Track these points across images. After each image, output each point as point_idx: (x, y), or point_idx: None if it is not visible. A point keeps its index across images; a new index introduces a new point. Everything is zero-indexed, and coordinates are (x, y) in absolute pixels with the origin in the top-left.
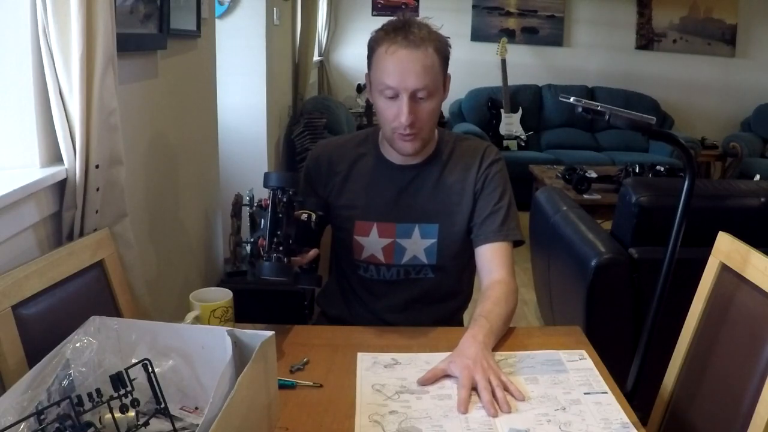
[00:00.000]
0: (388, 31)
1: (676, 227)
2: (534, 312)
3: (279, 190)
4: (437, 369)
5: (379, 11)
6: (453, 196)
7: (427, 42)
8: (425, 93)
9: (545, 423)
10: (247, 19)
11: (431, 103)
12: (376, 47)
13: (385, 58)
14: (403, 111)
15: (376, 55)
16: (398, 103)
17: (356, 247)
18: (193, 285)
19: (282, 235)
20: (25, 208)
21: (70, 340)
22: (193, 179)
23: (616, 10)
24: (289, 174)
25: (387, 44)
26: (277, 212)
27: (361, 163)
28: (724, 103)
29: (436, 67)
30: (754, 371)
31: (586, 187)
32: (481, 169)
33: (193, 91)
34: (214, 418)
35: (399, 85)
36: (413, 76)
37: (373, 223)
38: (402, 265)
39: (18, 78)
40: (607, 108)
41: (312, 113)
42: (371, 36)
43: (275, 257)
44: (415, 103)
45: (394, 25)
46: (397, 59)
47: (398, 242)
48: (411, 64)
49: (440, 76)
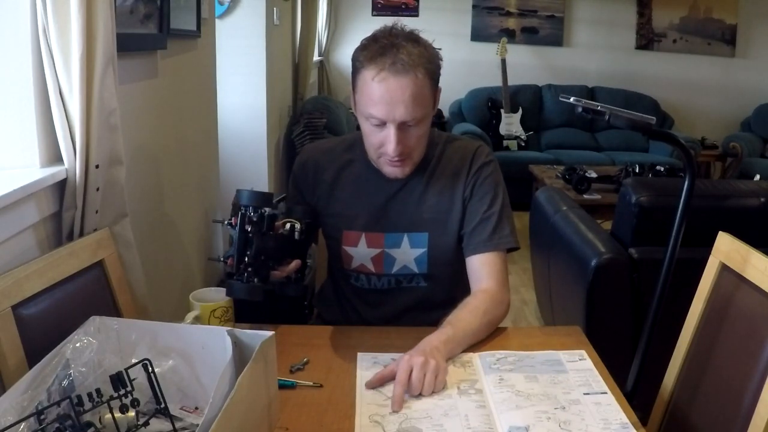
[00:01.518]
0: (374, 54)
1: (676, 227)
2: (534, 312)
3: (251, 208)
4: (384, 371)
5: (379, 11)
6: (442, 203)
7: (416, 66)
8: (414, 121)
9: (545, 420)
10: (247, 19)
11: (421, 128)
12: (361, 69)
13: (371, 85)
14: (391, 141)
15: (361, 79)
16: (385, 131)
17: (345, 257)
18: (193, 285)
19: (252, 254)
20: (25, 208)
21: (70, 340)
22: (193, 179)
23: (616, 10)
24: (260, 193)
25: (374, 70)
26: (246, 231)
27: (348, 170)
28: (724, 103)
29: (425, 91)
30: (754, 371)
31: (586, 187)
32: (471, 174)
33: (193, 91)
34: (214, 418)
35: (386, 117)
36: (402, 106)
37: (361, 233)
38: (393, 274)
39: (18, 78)
40: (607, 108)
41: (312, 113)
42: (356, 52)
43: (245, 277)
44: (403, 131)
45: (382, 45)
46: (385, 89)
47: (387, 252)
48: (399, 94)
49: (430, 99)
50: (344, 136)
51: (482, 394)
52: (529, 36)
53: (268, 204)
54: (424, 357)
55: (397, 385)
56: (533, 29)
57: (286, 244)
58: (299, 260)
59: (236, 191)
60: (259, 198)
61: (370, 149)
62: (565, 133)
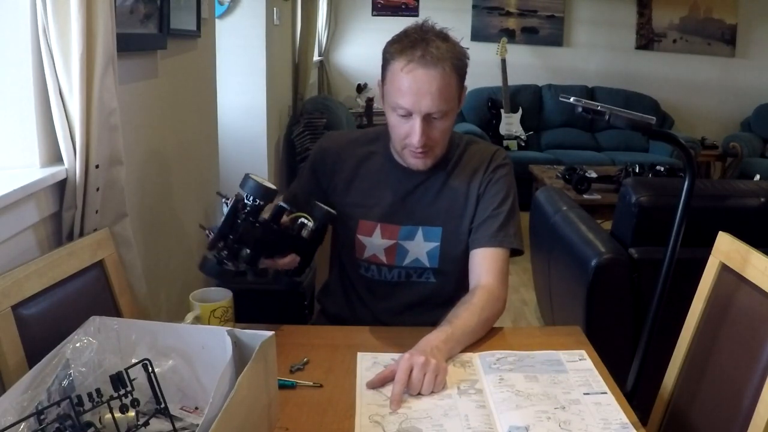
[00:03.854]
0: (405, 47)
1: (676, 227)
2: (534, 312)
3: (251, 197)
4: (386, 371)
5: (379, 11)
6: (458, 200)
7: (444, 60)
8: (439, 114)
9: (545, 420)
10: (247, 19)
11: (445, 122)
12: (391, 60)
13: (400, 76)
14: (416, 131)
15: (391, 70)
16: (411, 122)
17: (358, 246)
18: (193, 285)
19: (233, 240)
20: (25, 208)
21: (70, 340)
22: (193, 179)
23: (616, 10)
24: (264, 187)
25: (403, 61)
26: (235, 216)
27: (369, 162)
28: (724, 103)
29: (452, 86)
30: (754, 371)
31: (586, 187)
32: (487, 173)
33: (193, 91)
34: (214, 418)
35: (413, 107)
36: (428, 98)
37: (376, 224)
38: (404, 267)
39: (18, 78)
40: (607, 108)
41: (312, 113)
42: (387, 45)
43: (217, 259)
44: (428, 123)
45: (412, 39)
46: (413, 79)
47: (401, 244)
48: (427, 86)
49: (456, 93)
50: (367, 130)
51: (482, 394)
52: (529, 36)
53: (269, 199)
54: (425, 357)
55: (396, 384)
56: (533, 29)
57: (286, 237)
58: (296, 256)
59: (245, 175)
60: (261, 192)
61: (395, 140)
62: (565, 133)
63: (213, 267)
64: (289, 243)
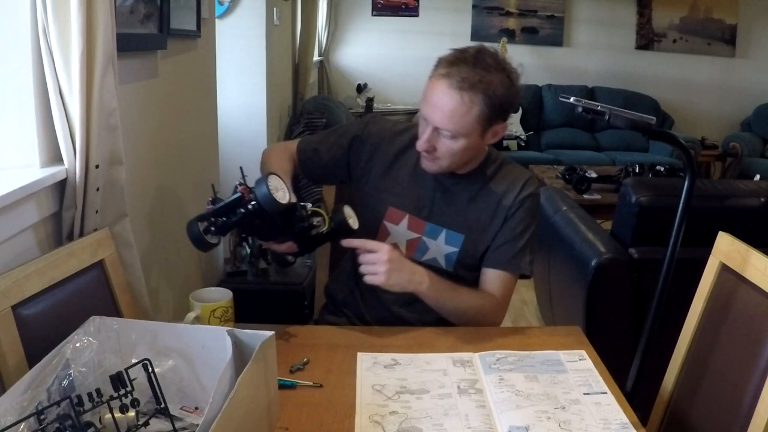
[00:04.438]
0: (451, 60)
1: (676, 227)
2: (534, 312)
3: (256, 203)
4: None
5: (379, 11)
6: (485, 213)
7: (470, 90)
8: (448, 134)
9: (545, 420)
10: (247, 19)
11: (454, 143)
12: (437, 67)
13: (430, 83)
14: (422, 135)
15: (431, 75)
16: (426, 127)
17: (382, 231)
18: (193, 285)
19: (226, 223)
20: (25, 208)
21: (70, 340)
22: (193, 179)
23: (616, 10)
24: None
25: (437, 72)
26: (235, 208)
27: (408, 154)
28: (724, 103)
29: (470, 116)
30: (754, 371)
31: (586, 187)
32: (518, 198)
33: (193, 91)
34: (214, 418)
35: (427, 116)
36: (439, 114)
37: (405, 214)
38: (422, 261)
39: (18, 78)
40: (607, 108)
41: (312, 113)
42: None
43: (204, 228)
44: (437, 135)
45: (462, 55)
46: (434, 90)
47: (424, 239)
48: (441, 102)
49: (473, 125)
50: (414, 125)
51: (482, 394)
52: (529, 36)
53: (274, 209)
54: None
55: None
56: (533, 29)
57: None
58: (293, 245)
59: (268, 176)
60: (269, 204)
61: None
62: (565, 133)
63: (197, 234)
64: (291, 235)
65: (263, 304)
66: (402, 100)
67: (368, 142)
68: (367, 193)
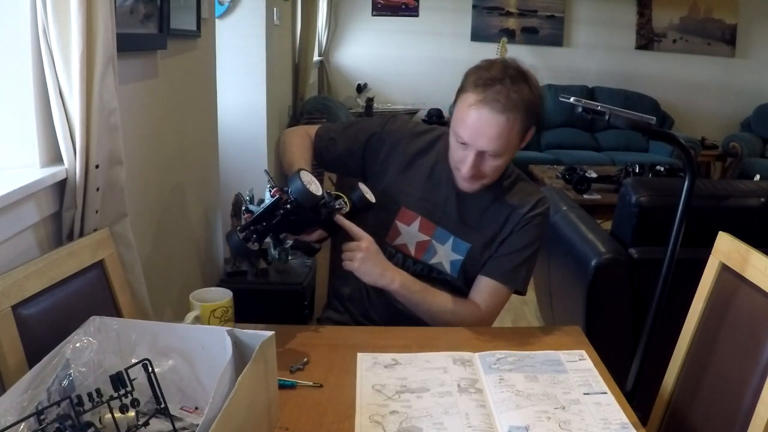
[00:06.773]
0: (483, 82)
1: (676, 227)
2: (534, 312)
3: (294, 201)
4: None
5: (379, 11)
6: (494, 227)
7: (514, 110)
8: (494, 153)
9: (545, 420)
10: (247, 19)
11: (498, 160)
12: (466, 89)
13: (468, 109)
14: (467, 163)
15: (462, 98)
16: (466, 152)
17: (393, 230)
18: (193, 285)
19: (266, 227)
20: (25, 208)
21: (70, 340)
22: (193, 179)
23: (616, 10)
24: (311, 195)
25: (475, 95)
26: (275, 210)
27: (427, 157)
28: (724, 103)
29: (513, 133)
30: (754, 371)
31: (586, 187)
32: (529, 214)
33: (193, 91)
34: (214, 418)
35: (470, 141)
36: (485, 139)
37: (417, 216)
38: (429, 264)
39: (18, 78)
40: (607, 108)
41: (312, 113)
42: (469, 70)
43: (244, 236)
44: (481, 158)
45: (491, 77)
46: (477, 117)
47: (433, 243)
48: (487, 128)
49: (516, 139)
50: (434, 127)
51: (482, 394)
52: (529, 36)
53: (311, 203)
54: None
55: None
56: (533, 29)
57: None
58: (323, 232)
59: (299, 173)
60: (308, 199)
61: (450, 160)
62: (565, 133)
63: (238, 243)
64: (319, 223)
65: (263, 304)
66: (402, 100)
67: (387, 141)
68: (382, 191)
